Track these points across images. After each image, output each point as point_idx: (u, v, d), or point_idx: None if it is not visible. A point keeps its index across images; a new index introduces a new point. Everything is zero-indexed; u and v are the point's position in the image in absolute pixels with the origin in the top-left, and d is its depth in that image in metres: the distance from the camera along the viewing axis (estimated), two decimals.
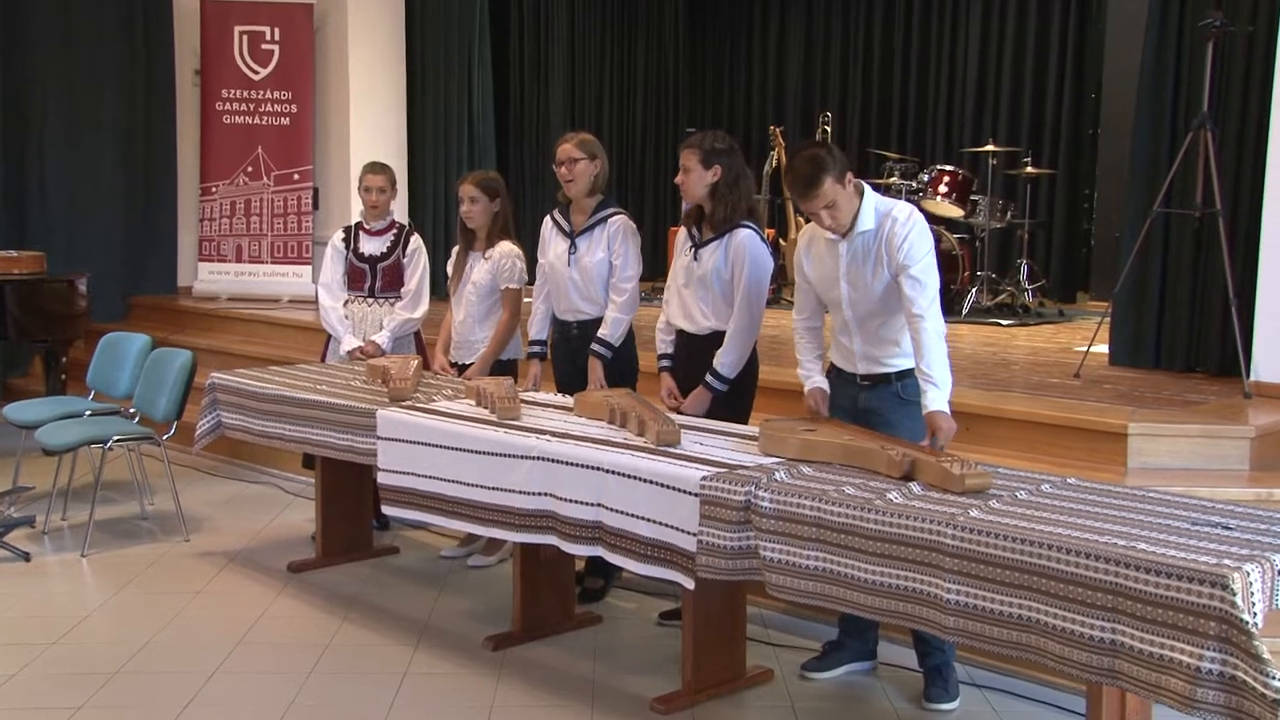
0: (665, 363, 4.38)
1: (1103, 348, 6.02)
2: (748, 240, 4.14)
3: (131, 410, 5.66)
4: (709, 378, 4.16)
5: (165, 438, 5.43)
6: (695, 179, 4.18)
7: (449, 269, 5.21)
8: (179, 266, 9.09)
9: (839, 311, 3.76)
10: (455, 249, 5.19)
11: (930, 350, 3.49)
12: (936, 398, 3.46)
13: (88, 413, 5.65)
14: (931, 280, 3.61)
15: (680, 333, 4.34)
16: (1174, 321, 5.78)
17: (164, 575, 4.91)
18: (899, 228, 3.60)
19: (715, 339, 4.20)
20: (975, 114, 10.15)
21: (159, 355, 5.62)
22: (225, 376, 5.06)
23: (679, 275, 4.32)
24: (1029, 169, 8.74)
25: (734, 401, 4.21)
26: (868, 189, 3.68)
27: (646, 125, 11.94)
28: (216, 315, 8.39)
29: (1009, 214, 8.66)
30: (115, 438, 5.29)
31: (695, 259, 4.22)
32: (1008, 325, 7.96)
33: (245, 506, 5.99)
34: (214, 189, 8.88)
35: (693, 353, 4.28)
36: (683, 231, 4.37)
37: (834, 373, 3.88)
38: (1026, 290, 8.55)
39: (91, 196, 8.63)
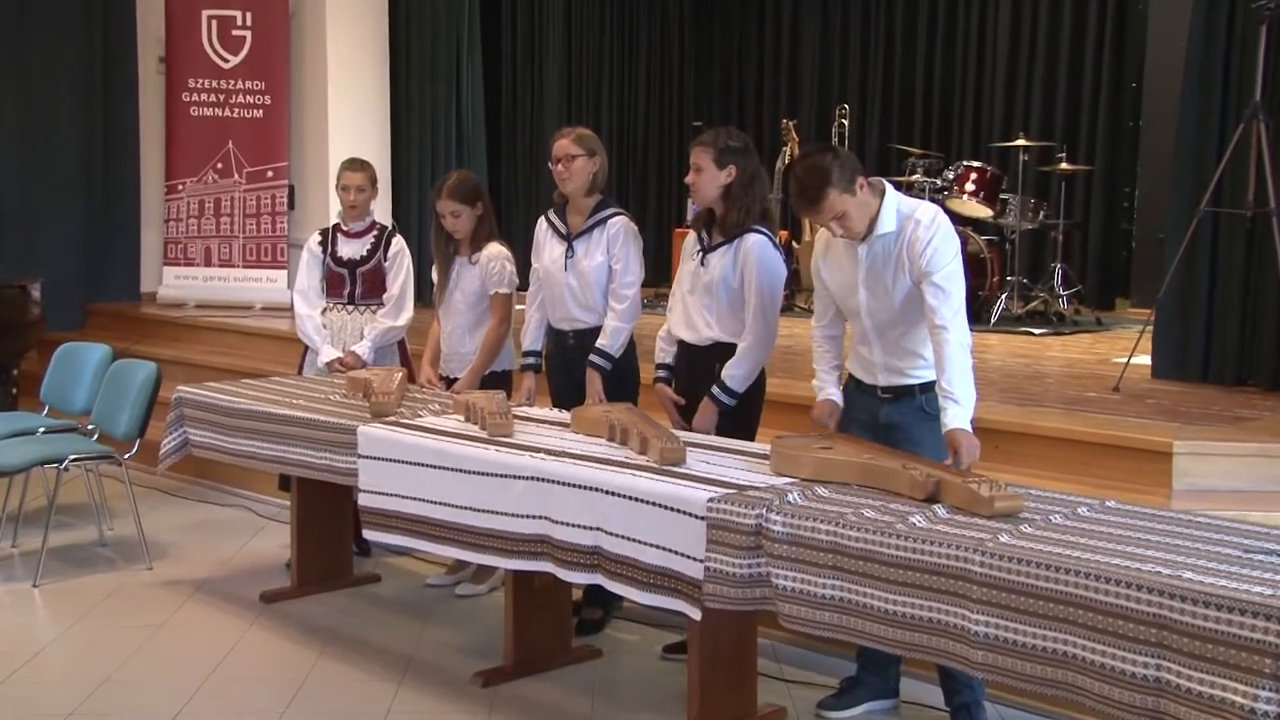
0: (662, 374, 4.40)
1: (1145, 359, 6.02)
2: (758, 247, 4.15)
3: (90, 427, 5.66)
4: (716, 391, 4.17)
5: (127, 457, 5.44)
6: (708, 180, 4.19)
7: (435, 276, 5.22)
8: (142, 271, 9.10)
9: (858, 320, 3.78)
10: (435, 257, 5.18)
11: (953, 364, 3.50)
12: (957, 415, 3.47)
13: (41, 430, 5.66)
14: (957, 289, 3.61)
15: (681, 343, 4.35)
16: (1223, 330, 5.78)
17: (124, 607, 4.91)
18: (922, 231, 3.61)
19: (717, 351, 4.21)
20: (1005, 105, 10.16)
21: (120, 368, 5.63)
22: (192, 390, 5.07)
23: (684, 281, 4.33)
24: (1063, 165, 8.75)
25: (740, 417, 4.22)
26: (889, 188, 3.69)
27: (649, 119, 11.96)
28: (183, 324, 8.40)
29: (1042, 214, 8.68)
30: (72, 457, 5.29)
31: (703, 264, 4.24)
32: (1041, 335, 7.97)
33: (214, 531, 5.99)
34: (180, 187, 8.91)
35: (693, 365, 4.29)
36: (691, 235, 4.39)
37: (853, 385, 3.89)
38: (1061, 297, 8.56)
39: (46, 195, 8.63)
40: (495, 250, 5.05)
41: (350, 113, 8.94)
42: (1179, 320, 5.88)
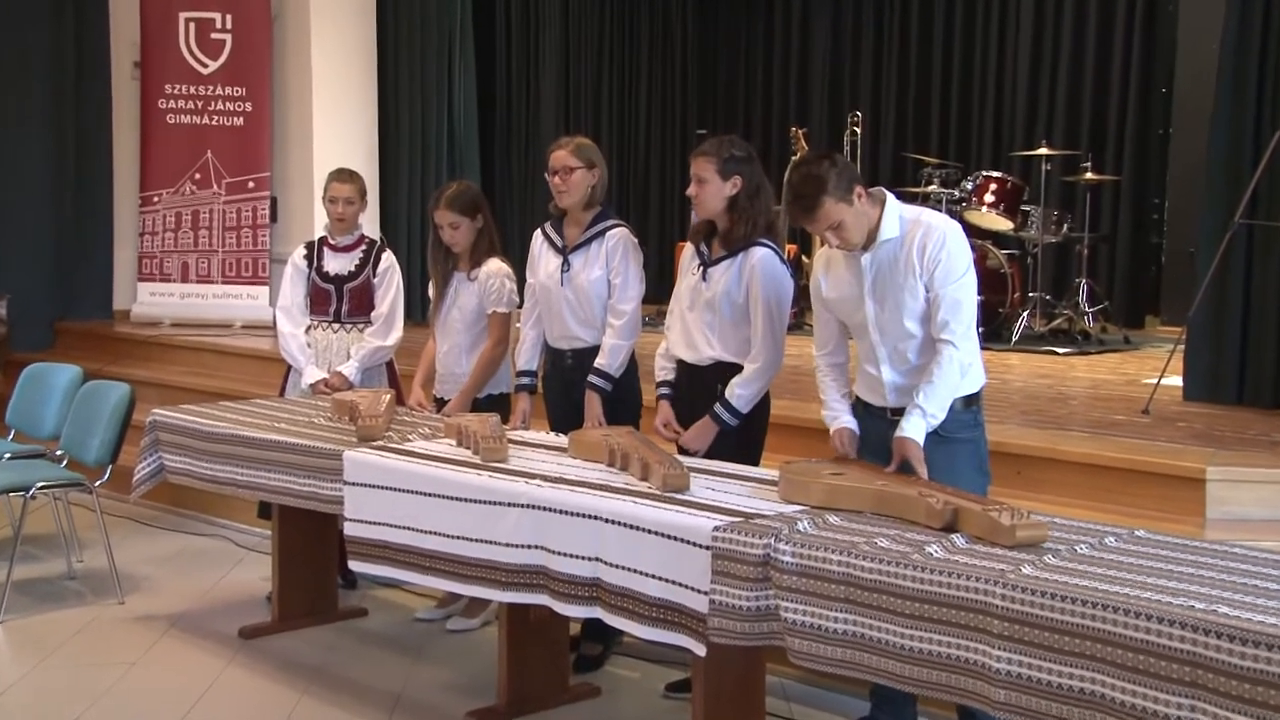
0: (665, 391, 4.40)
1: (1176, 380, 6.02)
2: (764, 260, 4.16)
3: (59, 453, 5.66)
4: (719, 409, 4.17)
5: (98, 484, 5.44)
6: (712, 192, 4.20)
7: (431, 292, 5.23)
8: (115, 287, 9.12)
9: (865, 336, 3.79)
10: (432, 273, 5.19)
11: (941, 379, 3.56)
12: (917, 427, 3.54)
13: (7, 456, 5.66)
14: (970, 303, 3.63)
15: (680, 363, 4.36)
16: (1259, 350, 5.78)
17: (94, 644, 4.90)
18: (933, 235, 3.63)
19: (718, 371, 4.22)
20: (1027, 112, 10.19)
21: (91, 390, 5.64)
22: (168, 414, 5.07)
23: (683, 297, 4.34)
24: (1089, 175, 8.77)
25: (744, 440, 4.22)
26: (889, 197, 3.71)
27: (651, 127, 12.00)
28: (158, 343, 8.42)
29: (1065, 226, 8.69)
30: (39, 485, 5.29)
31: (704, 279, 4.25)
32: (1065, 354, 7.98)
33: (190, 563, 5.99)
34: (156, 199, 8.93)
35: (693, 386, 4.30)
36: (689, 248, 4.39)
37: (860, 408, 3.89)
38: (1086, 314, 8.57)
39: (12, 207, 8.65)
40: (495, 267, 5.06)
41: (336, 120, 8.97)
42: (1212, 339, 5.88)
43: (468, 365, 5.10)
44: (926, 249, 3.62)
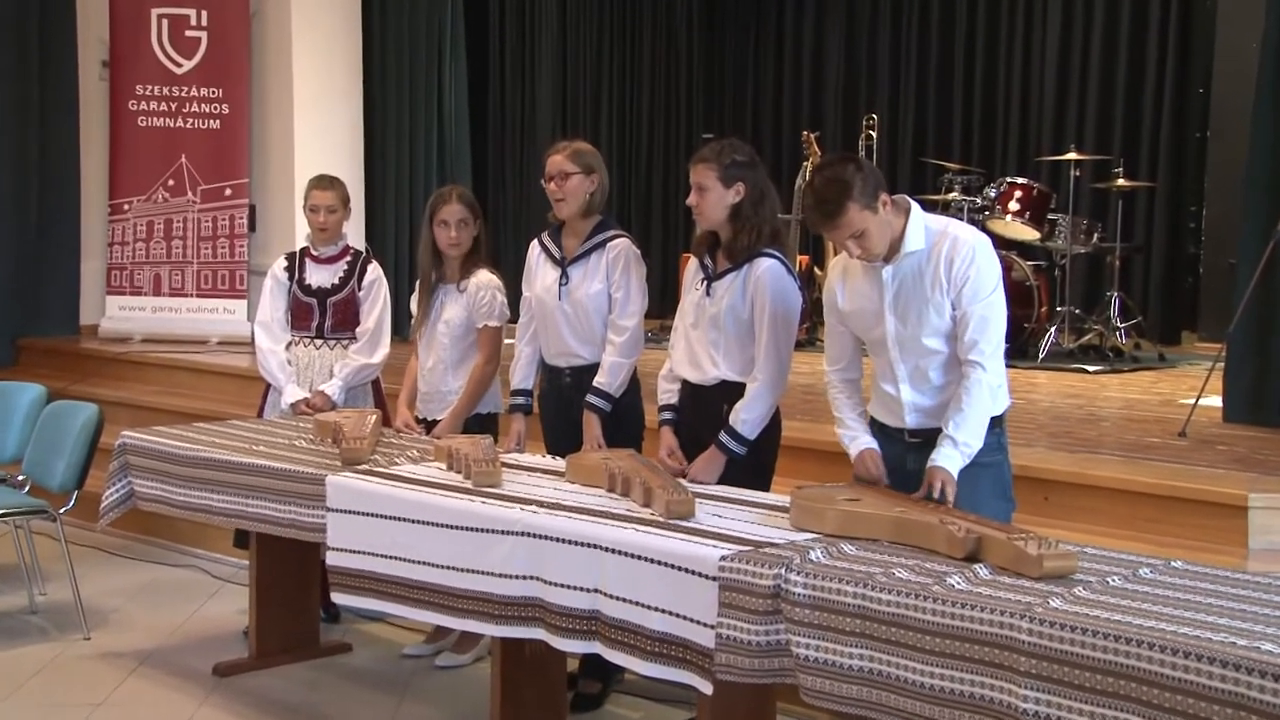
0: (667, 415, 4.40)
1: (1215, 400, 6.02)
2: (770, 272, 4.17)
3: (21, 478, 5.66)
4: (724, 438, 4.17)
5: (63, 511, 5.44)
6: (714, 200, 4.20)
7: (413, 305, 5.25)
8: (82, 301, 9.12)
9: (882, 353, 3.79)
10: (418, 283, 5.22)
11: (972, 407, 3.58)
12: (951, 458, 3.56)
13: None
14: (999, 321, 3.64)
15: (684, 383, 4.37)
16: None
17: (58, 683, 4.90)
18: (960, 248, 3.64)
19: (724, 391, 4.23)
20: (1055, 114, 10.22)
21: (56, 410, 5.65)
22: (139, 436, 5.08)
23: (687, 314, 4.35)
24: (1121, 181, 8.80)
25: (753, 464, 4.22)
26: (915, 206, 3.72)
27: (653, 132, 12.03)
28: (128, 361, 8.42)
29: (1096, 236, 8.71)
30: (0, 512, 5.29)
31: (708, 294, 4.26)
32: (1095, 372, 7.98)
33: (162, 595, 5.99)
34: (126, 206, 8.95)
35: (698, 408, 4.31)
36: (693, 262, 4.40)
37: (875, 429, 3.90)
38: (1118, 329, 8.59)
39: None
40: (485, 278, 5.07)
41: (319, 124, 8.99)
42: (1254, 356, 5.88)
43: (454, 383, 5.11)
44: (954, 264, 3.63)
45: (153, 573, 6.34)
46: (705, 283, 4.27)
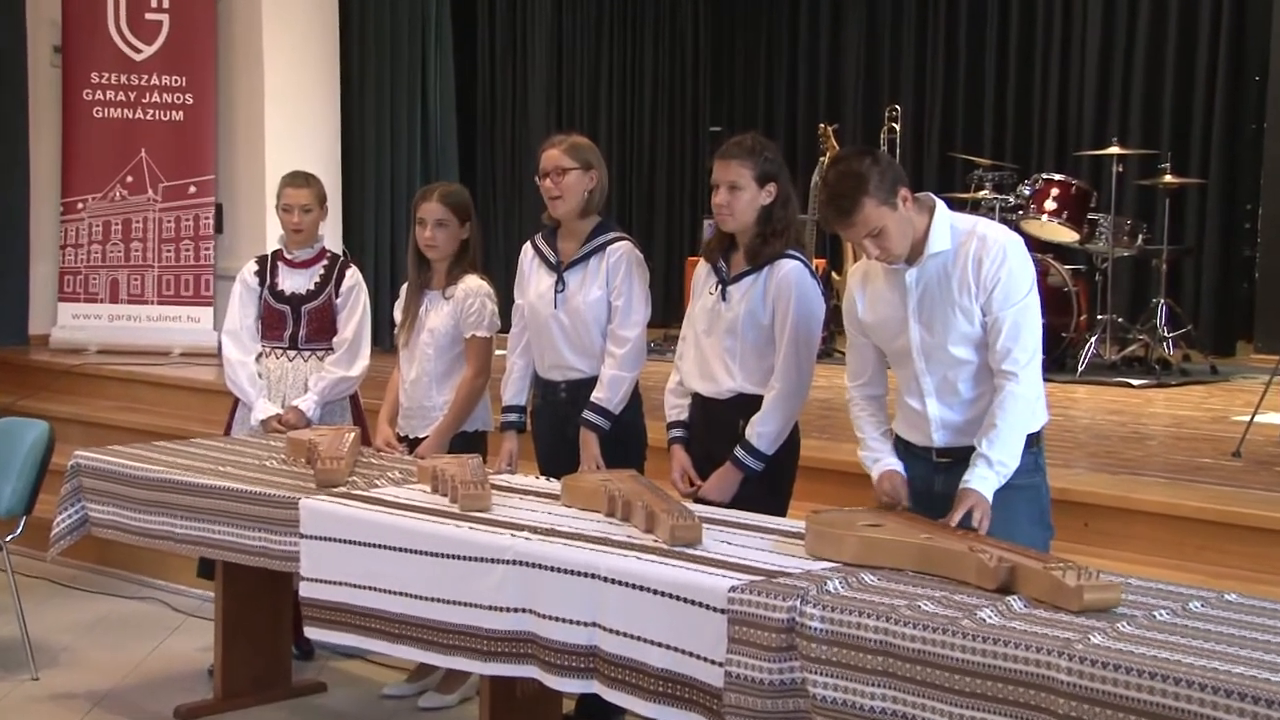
0: (678, 433, 4.41)
1: (1272, 417, 6.03)
2: (795, 275, 4.19)
3: None
4: (741, 453, 4.19)
5: (9, 539, 5.45)
6: (747, 202, 4.21)
7: (397, 313, 5.26)
8: (31, 308, 9.13)
9: (907, 365, 3.80)
10: (405, 286, 5.24)
11: (1007, 422, 3.58)
12: (985, 480, 3.57)
13: None
14: (1034, 327, 3.65)
15: (696, 397, 4.38)
16: None
17: None
18: (990, 247, 3.65)
19: (740, 405, 4.24)
20: (1097, 106, 10.23)
21: (2, 428, 5.64)
22: (94, 456, 5.08)
23: (699, 321, 4.36)
24: (1168, 178, 8.79)
25: (769, 485, 4.23)
26: (939, 204, 3.74)
27: (657, 124, 12.05)
28: (83, 373, 8.43)
29: (1141, 237, 8.71)
30: None
31: (723, 299, 4.27)
32: (1140, 386, 7.99)
33: (118, 631, 5.98)
34: (80, 205, 8.96)
35: (711, 424, 4.31)
36: (703, 265, 4.42)
37: (900, 448, 3.91)
38: (1166, 339, 8.58)
39: None
40: (474, 285, 5.09)
41: (292, 115, 9.00)
42: None
43: (439, 398, 5.12)
44: (983, 265, 3.65)
45: (108, 606, 6.33)
46: (720, 287, 4.29)
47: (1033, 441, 3.75)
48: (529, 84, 11.22)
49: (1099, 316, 8.59)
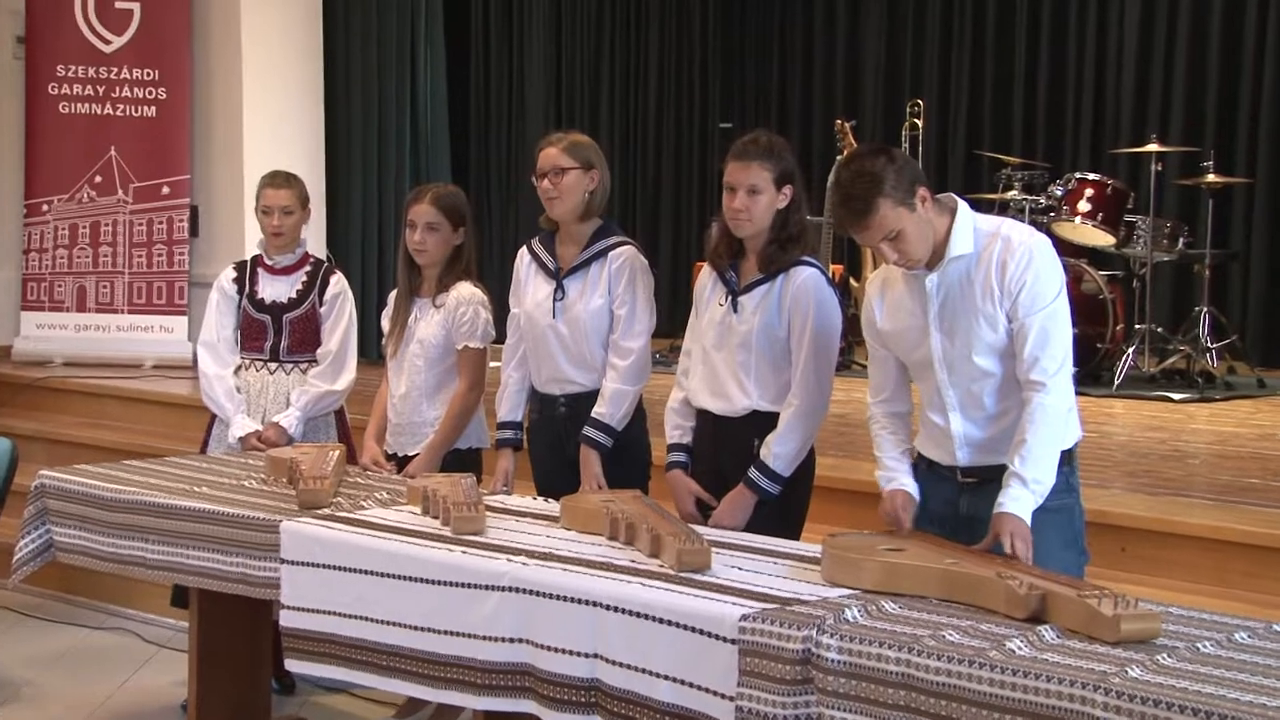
0: (679, 457, 4.42)
1: None
2: (813, 284, 4.20)
3: None
4: (755, 475, 4.19)
5: None
6: (765, 205, 4.21)
7: (384, 322, 5.27)
8: None
9: (929, 377, 3.81)
10: (394, 294, 5.25)
11: (1039, 436, 3.58)
12: (1021, 501, 3.56)
13: None
14: (1063, 334, 3.65)
15: (704, 415, 4.38)
16: None
17: None
18: (1015, 249, 3.66)
19: (754, 424, 4.25)
20: (1135, 101, 10.23)
21: None
22: (59, 476, 5.08)
23: (707, 334, 4.37)
24: (1211, 177, 8.80)
25: (782, 508, 4.24)
26: (962, 204, 3.74)
27: (662, 121, 12.06)
28: (47, 388, 8.44)
29: (1182, 241, 8.71)
30: None
31: (734, 310, 4.28)
32: (1182, 401, 7.99)
33: (85, 663, 5.99)
34: (45, 207, 8.98)
35: (723, 443, 4.32)
36: (708, 273, 4.42)
37: (923, 466, 3.92)
38: (1209, 351, 8.58)
39: None
40: (467, 293, 5.09)
41: (272, 112, 9.01)
42: None
43: (430, 413, 5.12)
44: (1008, 267, 3.65)
45: (74, 637, 6.34)
46: (730, 297, 4.29)
47: (1065, 459, 3.75)
48: (526, 77, 11.24)
49: (1137, 326, 8.59)
